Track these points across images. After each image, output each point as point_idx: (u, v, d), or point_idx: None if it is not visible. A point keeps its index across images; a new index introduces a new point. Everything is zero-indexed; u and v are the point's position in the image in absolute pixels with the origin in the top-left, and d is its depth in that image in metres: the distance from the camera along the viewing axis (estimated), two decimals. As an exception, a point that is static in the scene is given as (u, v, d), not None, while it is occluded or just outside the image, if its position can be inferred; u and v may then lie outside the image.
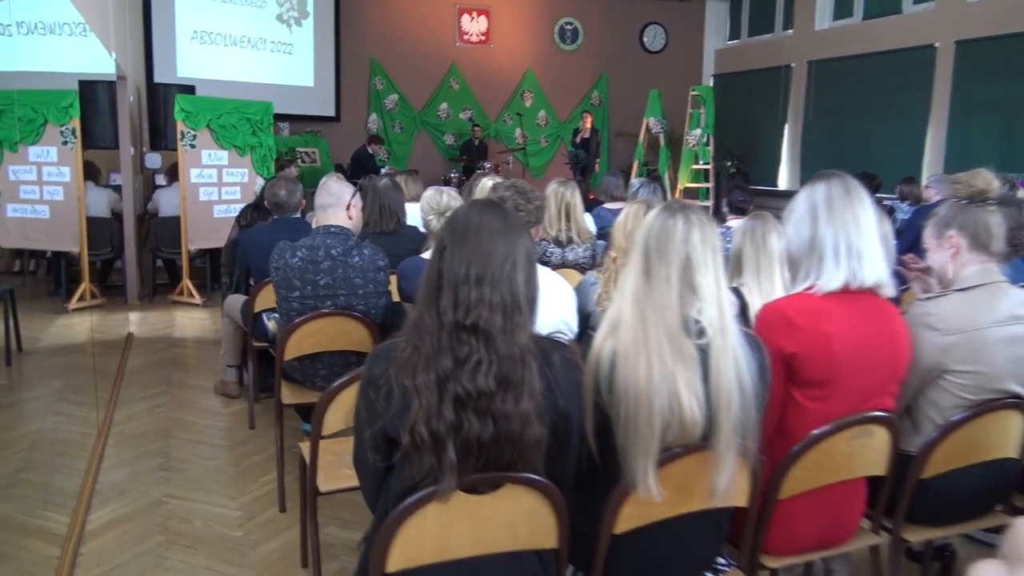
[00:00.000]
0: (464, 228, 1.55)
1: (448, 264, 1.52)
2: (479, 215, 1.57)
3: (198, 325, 6.50)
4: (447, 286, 1.51)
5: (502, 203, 2.48)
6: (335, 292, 3.10)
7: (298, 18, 11.95)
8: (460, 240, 1.53)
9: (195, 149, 7.16)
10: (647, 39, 14.50)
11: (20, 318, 5.66)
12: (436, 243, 1.59)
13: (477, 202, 1.67)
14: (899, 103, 10.93)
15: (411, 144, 13.29)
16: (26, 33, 10.07)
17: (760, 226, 2.77)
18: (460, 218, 1.59)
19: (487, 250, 1.52)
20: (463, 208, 1.64)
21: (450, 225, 1.58)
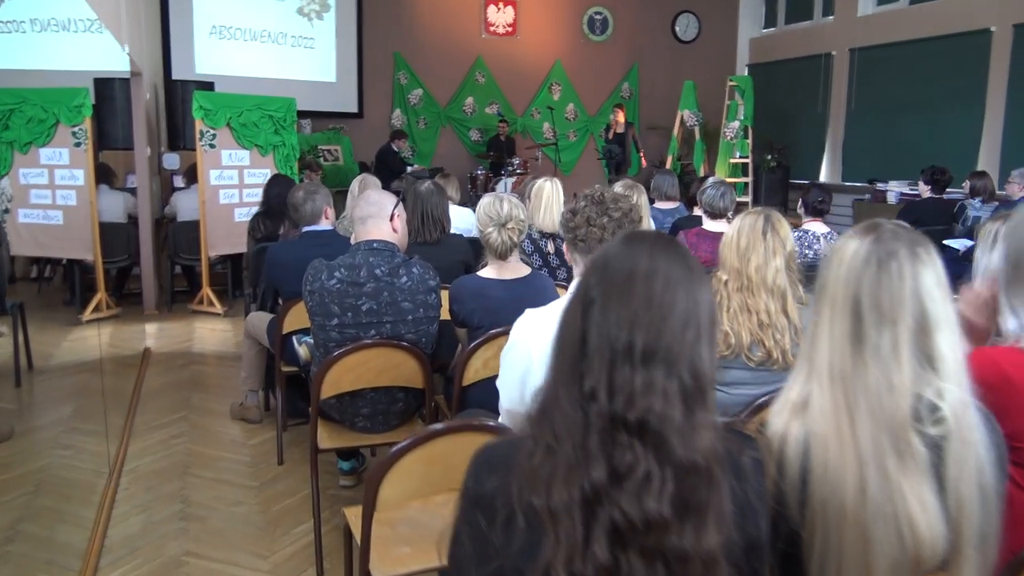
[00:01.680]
0: (627, 275, 1.06)
1: (599, 327, 1.04)
2: (648, 257, 1.07)
3: (219, 337, 6.08)
4: (598, 360, 1.03)
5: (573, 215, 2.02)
6: (380, 319, 2.64)
7: (319, 11, 11.53)
8: (619, 293, 1.05)
9: (215, 149, 6.74)
10: (679, 28, 13.95)
11: (33, 330, 5.29)
12: (577, 293, 1.11)
13: (639, 236, 1.14)
14: (951, 92, 10.33)
15: (436, 140, 12.83)
16: (39, 30, 9.73)
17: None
18: (618, 259, 1.09)
19: (662, 310, 1.03)
20: (621, 245, 1.12)
21: (602, 269, 1.09)
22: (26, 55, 9.56)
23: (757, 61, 13.90)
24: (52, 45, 9.63)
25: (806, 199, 4.36)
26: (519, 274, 2.85)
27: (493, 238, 2.74)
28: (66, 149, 6.36)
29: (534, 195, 3.86)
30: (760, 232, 2.18)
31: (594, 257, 1.12)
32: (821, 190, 4.35)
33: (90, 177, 6.39)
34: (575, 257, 2.05)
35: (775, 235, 2.19)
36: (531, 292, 2.83)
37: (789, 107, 12.91)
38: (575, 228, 1.99)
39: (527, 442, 1.05)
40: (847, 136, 12.12)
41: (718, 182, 4.21)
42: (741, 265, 2.17)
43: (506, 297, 2.79)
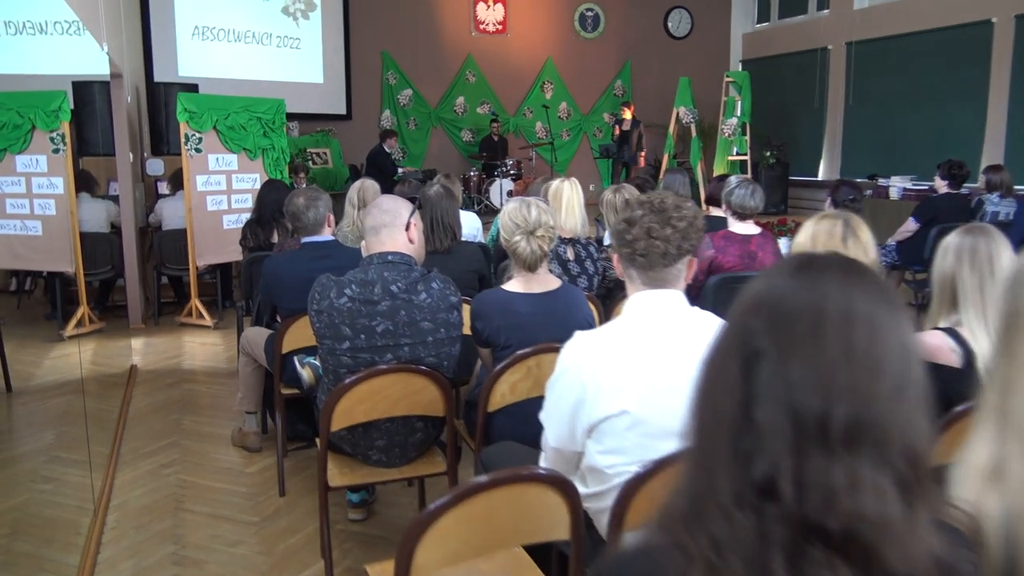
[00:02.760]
0: (813, 318, 0.77)
1: (775, 391, 0.75)
2: (841, 291, 0.78)
3: (210, 352, 5.77)
4: (775, 439, 0.74)
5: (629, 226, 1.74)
6: (397, 341, 2.36)
7: (305, 11, 11.22)
8: (804, 344, 0.76)
9: (201, 153, 6.42)
10: (672, 24, 13.74)
11: (11, 348, 4.99)
12: (730, 339, 0.82)
13: (817, 262, 0.83)
14: (952, 85, 10.15)
15: (427, 141, 12.56)
16: (14, 33, 9.36)
17: (984, 243, 2.00)
18: (794, 295, 0.80)
19: (868, 368, 0.75)
20: (793, 275, 0.82)
21: (771, 309, 0.80)
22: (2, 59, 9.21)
23: (751, 56, 13.70)
24: (29, 48, 9.27)
25: (835, 196, 4.10)
26: (548, 287, 2.57)
27: (521, 247, 2.46)
28: (43, 156, 6.02)
29: (552, 197, 3.59)
30: (840, 239, 1.91)
31: (755, 291, 0.83)
32: (851, 187, 4.10)
33: (69, 185, 6.05)
34: (631, 274, 1.78)
35: (857, 242, 1.93)
36: (561, 306, 2.56)
37: (785, 103, 12.71)
38: (633, 241, 1.72)
39: (673, 556, 0.76)
40: (846, 131, 11.93)
41: (745, 180, 3.95)
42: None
43: (535, 313, 2.52)
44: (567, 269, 3.47)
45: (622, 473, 1.69)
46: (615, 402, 1.67)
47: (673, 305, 1.75)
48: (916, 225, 6.19)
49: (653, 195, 1.76)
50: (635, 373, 1.67)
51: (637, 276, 1.76)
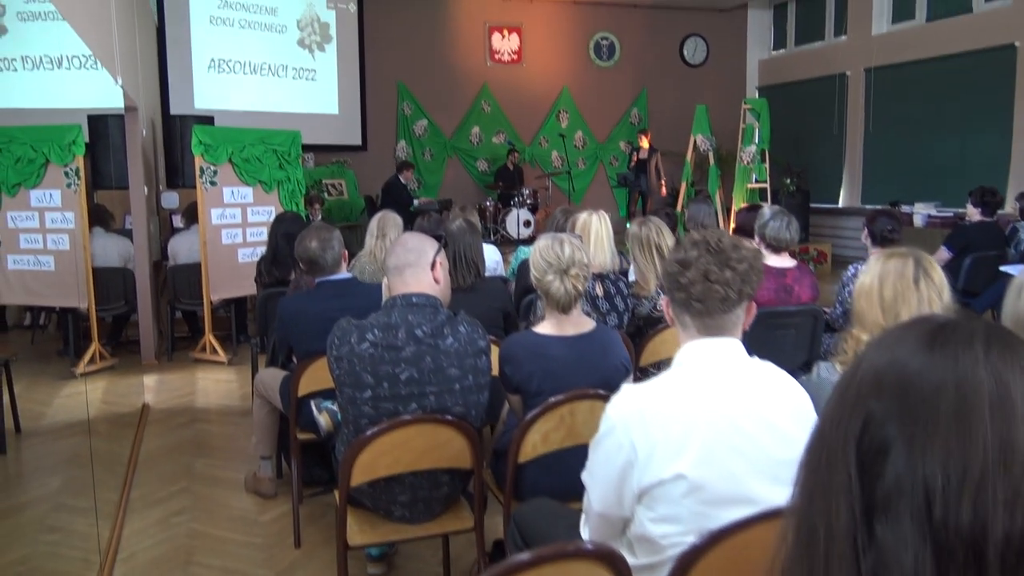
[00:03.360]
0: (958, 403, 0.62)
1: (904, 495, 0.61)
2: (990, 368, 0.63)
3: (223, 390, 5.63)
4: (908, 562, 0.60)
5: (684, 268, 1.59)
6: (422, 389, 2.20)
7: (320, 43, 11.22)
8: (946, 434, 0.61)
9: (216, 187, 6.33)
10: (687, 52, 13.67)
11: (23, 387, 4.88)
12: (841, 418, 0.67)
13: (955, 332, 0.67)
14: (975, 110, 9.98)
15: (442, 172, 12.48)
16: (31, 68, 9.39)
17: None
18: (928, 373, 0.65)
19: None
20: (925, 349, 0.67)
21: (898, 390, 0.65)
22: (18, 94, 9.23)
23: (768, 83, 13.60)
24: (45, 82, 9.30)
25: (873, 228, 3.93)
26: (582, 329, 2.41)
27: (555, 288, 2.31)
28: (57, 190, 5.95)
29: (580, 231, 3.44)
30: (911, 279, 1.75)
31: (874, 364, 0.67)
32: (890, 217, 3.93)
33: (83, 219, 5.98)
34: (684, 320, 1.62)
35: (929, 282, 1.76)
36: (597, 350, 2.40)
37: (803, 129, 12.57)
38: (689, 285, 1.56)
39: None
40: (866, 158, 11.76)
41: (780, 211, 3.80)
42: (888, 322, 1.74)
43: (569, 357, 2.36)
44: (596, 306, 3.31)
45: (677, 544, 1.52)
46: (670, 466, 1.50)
47: (732, 355, 1.59)
48: (949, 254, 6.00)
49: (708, 234, 1.60)
50: (692, 433, 1.50)
51: (692, 323, 1.60)
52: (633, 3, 12.77)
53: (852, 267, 3.90)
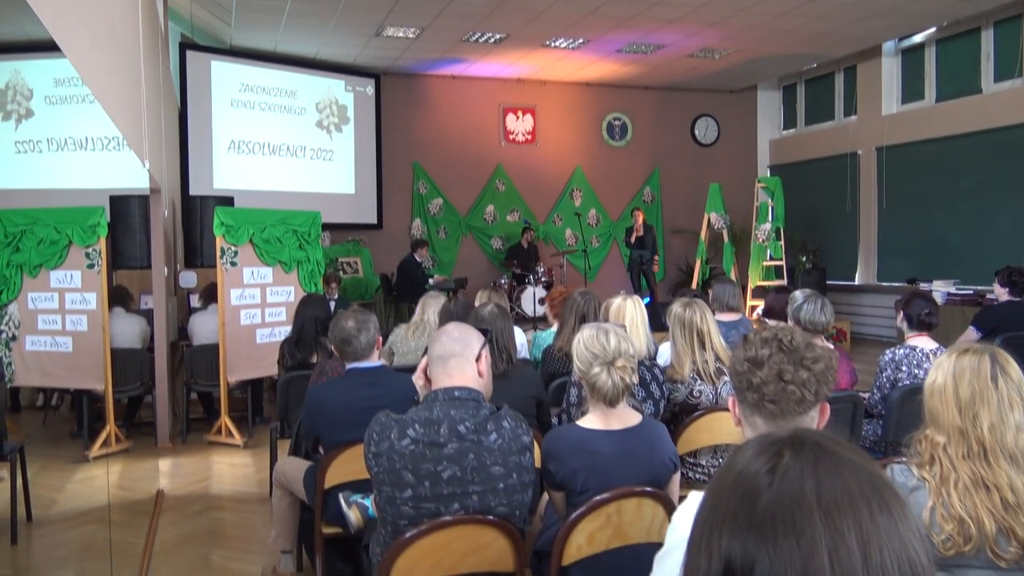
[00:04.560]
0: (789, 514, 0.72)
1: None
2: (814, 479, 0.74)
3: (239, 475, 5.50)
4: None
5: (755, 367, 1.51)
6: (465, 488, 2.10)
7: (338, 124, 11.43)
8: (783, 543, 0.71)
9: (236, 267, 6.33)
10: (699, 132, 13.87)
11: (35, 470, 4.78)
12: (703, 528, 0.77)
13: (790, 442, 0.79)
14: (989, 187, 10.02)
15: (457, 249, 12.54)
16: (56, 150, 9.57)
17: None
18: (768, 484, 0.76)
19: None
20: (762, 456, 0.79)
21: (742, 501, 0.76)
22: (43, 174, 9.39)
23: (779, 162, 13.74)
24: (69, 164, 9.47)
25: (909, 311, 3.85)
26: (629, 423, 2.32)
27: (601, 380, 2.23)
28: (78, 271, 5.96)
29: (614, 316, 3.38)
30: (988, 378, 1.67)
31: (723, 475, 0.80)
32: (926, 300, 3.86)
33: (103, 301, 5.96)
34: (755, 422, 1.53)
35: (1007, 380, 1.68)
36: (644, 445, 2.31)
37: (817, 207, 12.63)
38: (762, 385, 1.48)
39: None
40: (880, 235, 11.77)
41: (813, 294, 3.73)
42: (966, 424, 1.65)
43: (615, 452, 2.26)
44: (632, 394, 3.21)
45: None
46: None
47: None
48: (978, 335, 5.89)
49: (779, 331, 1.53)
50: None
51: (764, 425, 1.51)
52: (645, 84, 13.02)
53: (890, 352, 3.82)
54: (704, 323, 3.53)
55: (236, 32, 9.65)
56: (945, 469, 1.65)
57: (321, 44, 10.27)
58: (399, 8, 8.79)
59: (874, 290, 11.65)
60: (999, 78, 10.04)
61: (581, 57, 11.19)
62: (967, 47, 10.43)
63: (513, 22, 9.43)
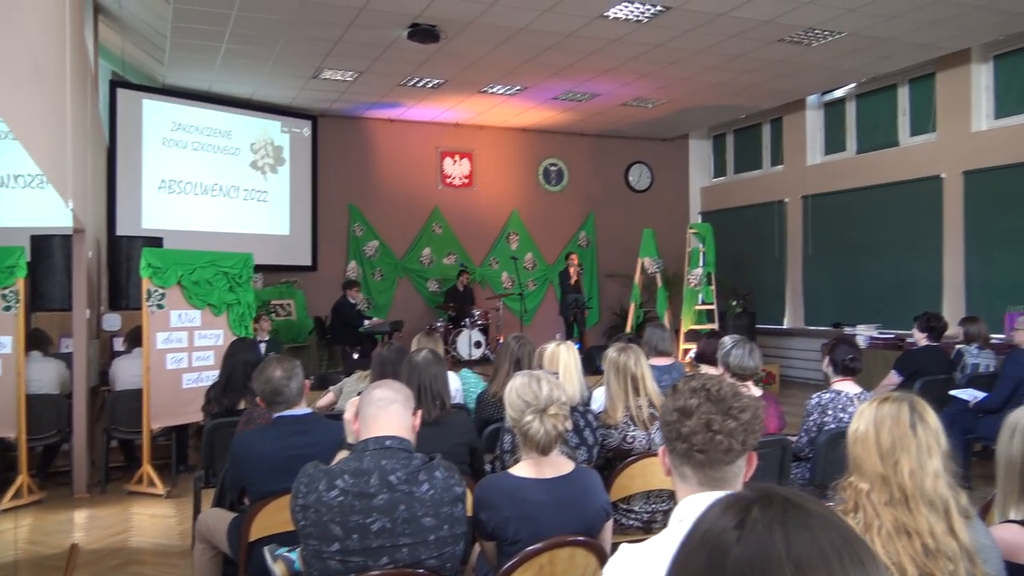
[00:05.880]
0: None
1: None
2: (784, 539, 0.75)
3: (160, 527, 5.27)
4: None
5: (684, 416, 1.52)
6: (395, 541, 2.05)
7: (273, 165, 11.31)
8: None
9: (163, 310, 6.15)
10: (632, 178, 14.16)
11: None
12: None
13: (757, 502, 0.80)
14: (907, 236, 10.46)
15: (393, 292, 12.45)
16: (-25, 187, 9.21)
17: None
18: (739, 544, 0.77)
19: None
20: (733, 515, 0.80)
21: (715, 563, 0.77)
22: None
23: (710, 208, 14.11)
24: (-12, 202, 9.11)
25: (834, 357, 3.96)
26: (562, 471, 2.31)
27: (534, 428, 2.22)
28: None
29: (548, 362, 3.38)
30: (908, 425, 1.71)
31: (695, 535, 0.81)
32: (850, 346, 3.97)
33: (19, 344, 5.71)
34: (684, 472, 1.54)
35: (926, 427, 1.73)
36: (577, 493, 2.30)
37: (747, 253, 12.97)
38: (691, 435, 1.49)
39: None
40: (806, 280, 12.14)
41: (742, 339, 3.81)
42: (887, 470, 1.69)
43: (548, 501, 2.25)
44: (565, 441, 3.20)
45: None
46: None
47: (735, 511, 1.51)
48: (899, 378, 6.09)
49: (707, 381, 1.55)
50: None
51: (693, 474, 1.52)
52: (580, 131, 13.27)
53: (816, 396, 3.91)
54: (639, 368, 3.56)
55: (169, 71, 9.52)
56: (869, 516, 1.68)
57: (257, 85, 10.19)
58: (336, 52, 8.81)
59: (802, 334, 11.97)
60: (914, 132, 10.55)
61: (518, 103, 11.37)
62: (885, 102, 10.96)
63: (450, 68, 9.53)
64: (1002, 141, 9.26)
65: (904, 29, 8.19)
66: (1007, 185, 9.20)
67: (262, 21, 7.78)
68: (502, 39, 8.43)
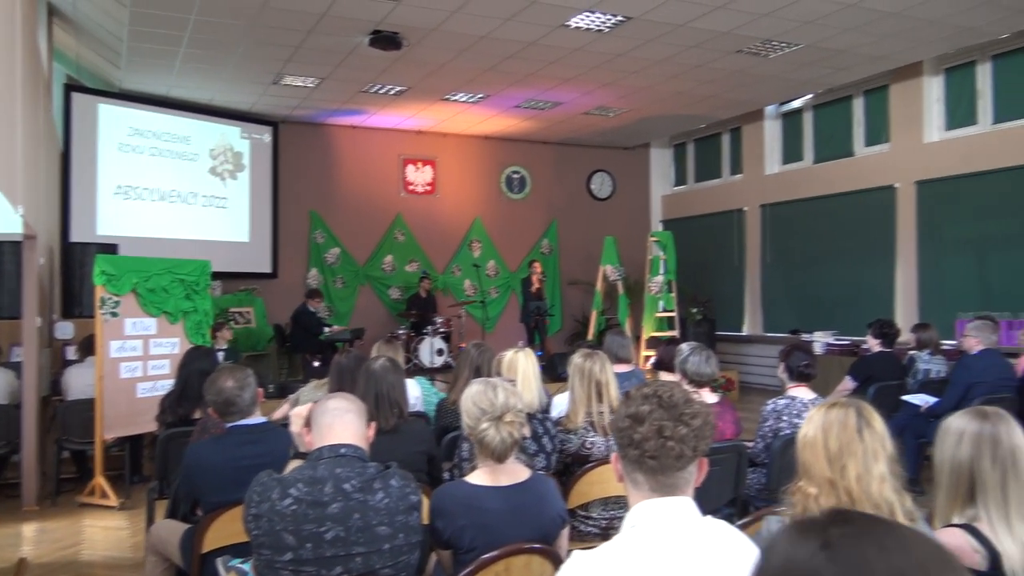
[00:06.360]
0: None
1: None
2: (885, 561, 0.71)
3: (113, 539, 5.16)
4: None
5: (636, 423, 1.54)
6: (349, 550, 2.03)
7: (233, 171, 11.17)
8: None
9: (117, 317, 6.03)
10: (595, 187, 14.25)
11: None
12: None
13: (843, 526, 0.76)
14: (862, 245, 10.66)
15: (354, 299, 12.36)
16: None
17: (1005, 433, 1.86)
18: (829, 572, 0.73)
19: None
20: (820, 542, 0.74)
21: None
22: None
23: (671, 216, 14.25)
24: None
25: (789, 363, 4.02)
26: (518, 478, 2.31)
27: (490, 436, 2.22)
28: (-60, 322, 5.55)
29: (506, 370, 3.38)
30: (854, 430, 1.75)
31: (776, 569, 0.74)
32: (805, 353, 4.04)
33: (-34, 353, 5.56)
34: (636, 479, 1.55)
35: (872, 432, 1.76)
36: (533, 500, 2.30)
37: (707, 261, 13.12)
38: (643, 441, 1.50)
39: None
40: (765, 288, 12.31)
41: (698, 346, 3.86)
42: (835, 475, 1.72)
43: (504, 509, 2.25)
44: (523, 448, 3.21)
45: None
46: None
47: (686, 516, 1.52)
48: (854, 384, 6.21)
49: (659, 388, 1.57)
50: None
51: (644, 481, 1.53)
52: (543, 139, 13.33)
53: (771, 402, 3.96)
54: (603, 374, 3.59)
55: (126, 75, 9.36)
56: (811, 517, 1.70)
57: (217, 91, 10.07)
58: (297, 58, 8.74)
59: (760, 340, 12.13)
60: (869, 143, 10.78)
61: (480, 111, 11.38)
62: (840, 113, 11.18)
63: (413, 75, 9.52)
64: (952, 152, 9.50)
65: (859, 42, 8.37)
66: (957, 195, 9.43)
67: (221, 26, 7.70)
68: (464, 47, 8.44)
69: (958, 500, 1.89)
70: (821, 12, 7.45)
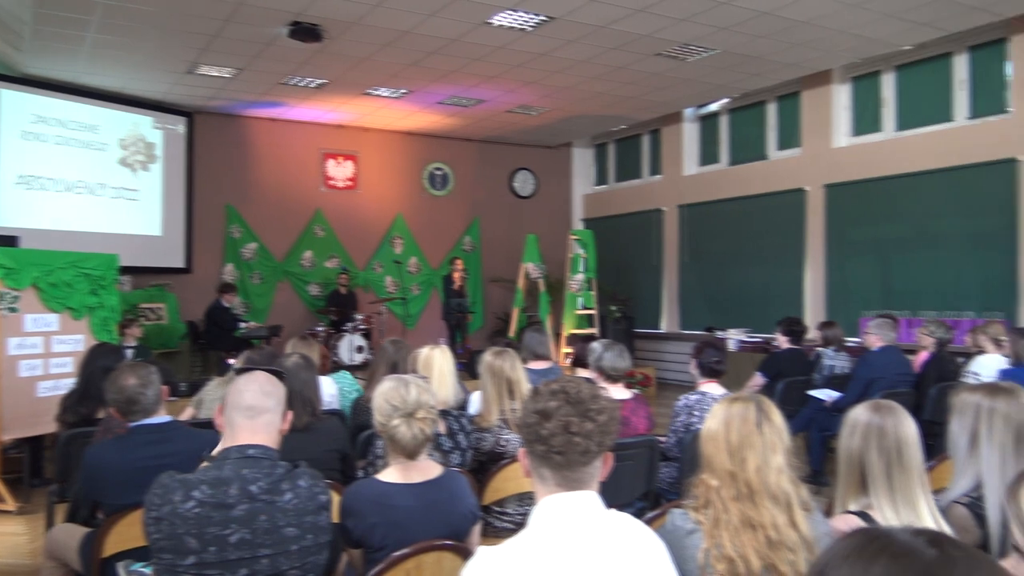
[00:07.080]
0: None
1: None
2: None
3: (9, 545, 4.93)
4: None
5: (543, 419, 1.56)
6: (254, 553, 1.99)
7: (144, 162, 10.78)
8: None
9: (16, 313, 5.76)
10: (517, 184, 14.32)
11: None
12: None
13: (895, 544, 0.81)
14: (773, 245, 11.02)
15: (272, 296, 12.09)
16: None
17: (892, 424, 1.96)
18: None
19: None
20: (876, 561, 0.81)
21: None
22: None
23: (592, 215, 14.43)
24: None
25: (700, 359, 4.12)
26: (429, 475, 2.31)
27: (401, 432, 2.20)
28: None
29: (422, 366, 3.37)
30: (754, 424, 1.81)
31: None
32: (716, 349, 4.14)
33: None
34: (542, 473, 1.57)
35: (771, 425, 1.82)
36: (445, 497, 2.30)
37: (626, 259, 13.34)
38: (549, 437, 1.52)
39: None
40: (682, 286, 12.60)
41: (611, 343, 3.92)
42: (736, 467, 1.77)
43: (415, 506, 2.24)
44: (438, 445, 3.20)
45: None
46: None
47: (591, 510, 1.55)
48: (764, 380, 6.41)
49: (566, 384, 1.59)
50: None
51: (551, 476, 1.55)
52: (466, 136, 13.31)
53: (683, 398, 4.06)
54: (514, 372, 3.60)
55: (30, 59, 8.92)
56: (718, 511, 1.76)
57: (128, 78, 9.70)
58: (214, 47, 8.50)
59: (677, 338, 12.41)
60: (781, 147, 11.15)
61: (403, 107, 11.29)
62: (755, 118, 11.53)
63: (333, 69, 9.37)
64: (858, 157, 9.90)
65: (772, 49, 8.65)
66: (863, 198, 9.84)
67: (133, 12, 7.42)
68: (386, 41, 8.36)
69: (852, 488, 1.98)
70: (736, 18, 7.66)
